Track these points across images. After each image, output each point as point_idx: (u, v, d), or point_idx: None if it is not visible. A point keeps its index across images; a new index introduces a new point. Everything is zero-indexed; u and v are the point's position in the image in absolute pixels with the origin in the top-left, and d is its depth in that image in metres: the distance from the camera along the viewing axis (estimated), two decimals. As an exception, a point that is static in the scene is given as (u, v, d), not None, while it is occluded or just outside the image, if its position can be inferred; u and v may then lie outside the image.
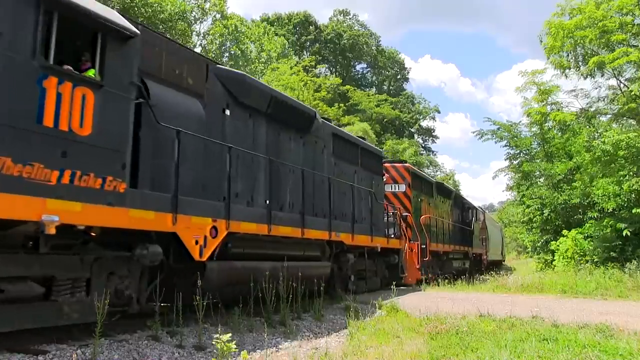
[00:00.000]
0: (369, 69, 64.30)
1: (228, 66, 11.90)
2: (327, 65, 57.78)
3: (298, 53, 51.77)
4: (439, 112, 69.43)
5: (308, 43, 56.66)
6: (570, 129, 21.22)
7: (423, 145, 61.20)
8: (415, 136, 60.36)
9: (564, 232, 19.08)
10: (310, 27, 56.60)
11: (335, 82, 44.34)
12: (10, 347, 4.55)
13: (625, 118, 20.50)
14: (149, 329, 5.66)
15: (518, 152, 24.65)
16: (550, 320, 7.13)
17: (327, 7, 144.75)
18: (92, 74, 5.23)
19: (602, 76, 19.66)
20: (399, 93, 61.03)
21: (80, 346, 4.79)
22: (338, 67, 59.37)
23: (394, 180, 16.95)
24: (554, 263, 19.28)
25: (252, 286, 6.76)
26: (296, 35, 55.21)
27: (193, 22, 34.26)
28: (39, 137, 4.52)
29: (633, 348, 5.33)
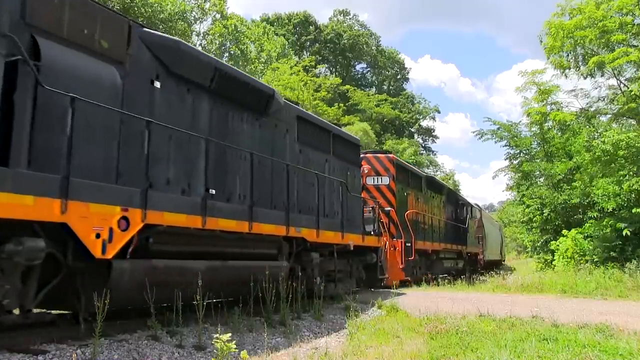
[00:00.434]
0: (368, 69, 64.36)
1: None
2: (327, 65, 57.75)
3: (298, 53, 51.73)
4: (438, 112, 69.60)
5: (308, 43, 56.67)
6: (570, 128, 21.27)
7: (423, 145, 61.29)
8: (415, 136, 60.42)
9: (564, 232, 19.09)
10: (310, 27, 56.64)
11: (335, 82, 44.27)
12: (10, 347, 4.53)
13: (625, 118, 20.52)
14: (149, 328, 5.64)
15: (518, 152, 24.69)
16: (550, 320, 7.14)
17: (327, 7, 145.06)
18: None
19: (602, 76, 19.74)
20: (398, 93, 61.03)
21: (80, 346, 4.78)
22: (338, 67, 59.38)
23: (376, 172, 15.61)
24: (553, 263, 19.28)
25: (183, 289, 5.79)
26: (296, 35, 55.22)
27: (193, 22, 34.31)
28: None
29: (633, 348, 5.33)
